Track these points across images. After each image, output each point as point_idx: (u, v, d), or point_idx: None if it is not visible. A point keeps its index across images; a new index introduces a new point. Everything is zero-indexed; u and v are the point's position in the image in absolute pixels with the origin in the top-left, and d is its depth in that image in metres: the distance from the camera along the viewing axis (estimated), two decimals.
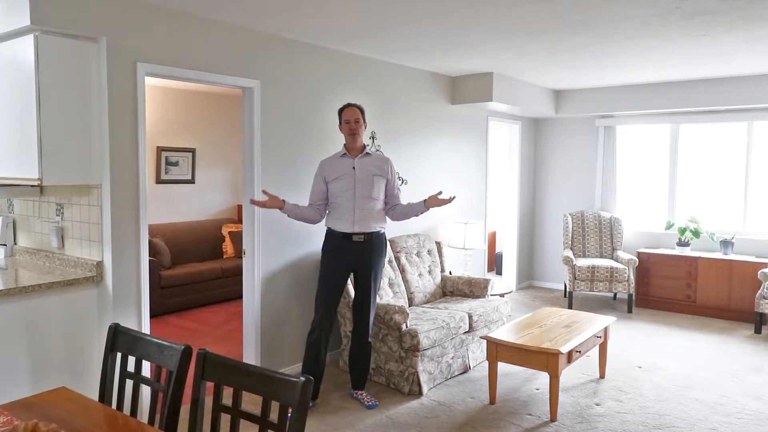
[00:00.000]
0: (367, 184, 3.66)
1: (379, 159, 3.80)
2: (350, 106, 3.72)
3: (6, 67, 3.16)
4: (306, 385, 1.62)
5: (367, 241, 3.68)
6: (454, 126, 6.00)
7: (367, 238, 3.68)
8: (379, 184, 3.71)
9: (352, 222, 3.64)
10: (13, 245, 3.87)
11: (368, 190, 3.66)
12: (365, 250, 3.68)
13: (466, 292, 5.03)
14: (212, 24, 3.66)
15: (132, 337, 2.08)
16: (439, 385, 4.13)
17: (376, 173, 3.69)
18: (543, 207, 7.65)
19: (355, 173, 3.66)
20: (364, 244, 3.67)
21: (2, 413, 1.77)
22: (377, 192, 3.70)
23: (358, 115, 3.68)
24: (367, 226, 3.66)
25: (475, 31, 3.97)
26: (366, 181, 3.66)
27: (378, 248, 3.74)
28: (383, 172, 3.73)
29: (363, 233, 3.65)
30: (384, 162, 3.79)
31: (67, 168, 3.12)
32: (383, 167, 3.74)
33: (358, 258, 3.68)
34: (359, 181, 3.65)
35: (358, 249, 3.67)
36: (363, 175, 3.66)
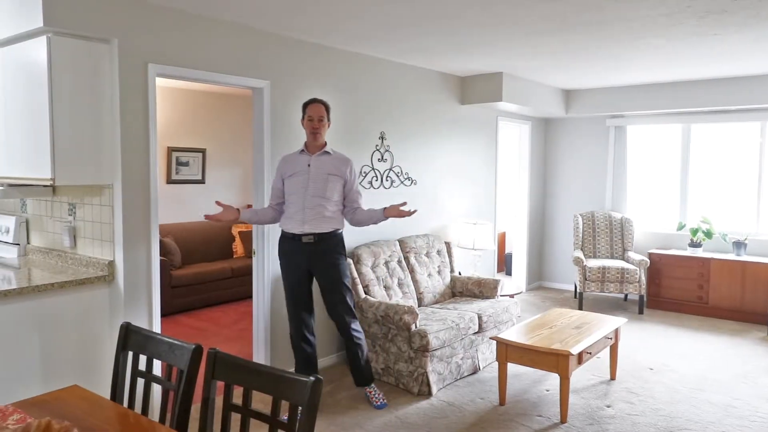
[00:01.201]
0: (321, 183, 3.47)
1: (339, 159, 3.58)
2: (315, 102, 3.54)
3: (19, 68, 3.19)
4: (316, 385, 1.62)
5: (318, 242, 3.48)
6: (464, 126, 5.99)
7: (318, 239, 3.48)
8: (334, 185, 3.50)
9: (301, 221, 3.46)
10: (26, 245, 3.91)
11: (321, 189, 3.47)
12: (317, 251, 3.49)
13: (475, 293, 5.02)
14: (222, 25, 3.68)
15: (143, 336, 2.10)
16: (448, 386, 4.12)
17: (332, 173, 3.50)
18: (553, 207, 7.61)
19: (309, 171, 3.49)
20: (315, 246, 3.48)
21: (15, 411, 1.78)
22: (331, 192, 3.49)
23: (322, 113, 3.51)
24: (317, 226, 3.46)
25: (484, 32, 3.96)
26: (319, 180, 3.47)
27: (332, 248, 3.54)
28: (340, 173, 3.52)
29: (313, 234, 3.46)
30: (343, 163, 3.57)
31: (80, 168, 3.14)
32: (341, 168, 3.54)
33: (311, 259, 3.50)
34: (312, 179, 3.47)
35: (309, 250, 3.48)
36: (317, 173, 3.48)
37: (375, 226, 4.88)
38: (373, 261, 4.51)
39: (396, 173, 5.12)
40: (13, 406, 1.83)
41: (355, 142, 4.69)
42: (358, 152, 4.73)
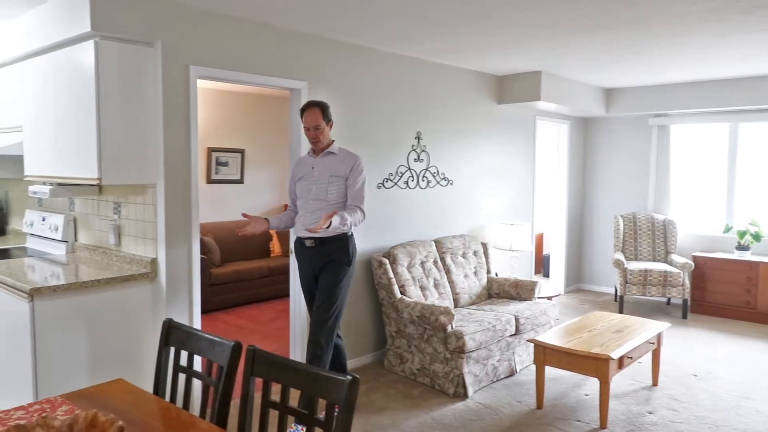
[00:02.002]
0: (322, 186, 3.33)
1: (342, 158, 3.38)
2: (309, 108, 3.32)
3: (67, 72, 3.30)
4: (353, 384, 1.63)
5: (321, 247, 3.33)
6: (501, 126, 5.93)
7: (319, 243, 3.32)
8: (335, 186, 3.32)
9: (304, 226, 3.33)
10: (74, 242, 4.04)
11: (322, 192, 3.33)
12: (319, 256, 3.34)
13: (512, 295, 4.96)
14: (261, 27, 3.73)
15: (185, 332, 2.14)
16: (484, 388, 4.08)
17: (333, 174, 3.33)
18: (593, 208, 7.46)
19: (313, 173, 3.38)
20: (317, 250, 3.34)
21: (64, 402, 1.85)
22: (333, 195, 3.32)
23: (318, 121, 3.30)
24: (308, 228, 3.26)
25: (522, 31, 3.91)
26: (321, 182, 3.34)
27: (335, 255, 3.32)
28: (342, 173, 3.33)
29: (314, 238, 3.31)
30: (345, 162, 3.36)
31: (124, 168, 3.24)
32: (342, 168, 3.34)
33: (314, 265, 3.37)
34: (315, 182, 3.36)
35: (312, 255, 3.36)
36: (320, 176, 3.35)
37: (412, 225, 4.91)
38: (408, 261, 4.50)
39: (432, 173, 5.11)
40: (61, 398, 1.90)
41: (391, 143, 4.70)
42: (395, 152, 4.74)
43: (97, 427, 1.41)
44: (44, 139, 3.56)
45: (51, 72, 3.45)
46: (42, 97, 3.55)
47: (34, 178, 3.74)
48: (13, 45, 3.76)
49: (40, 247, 4.23)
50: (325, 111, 3.35)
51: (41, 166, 3.63)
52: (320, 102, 3.36)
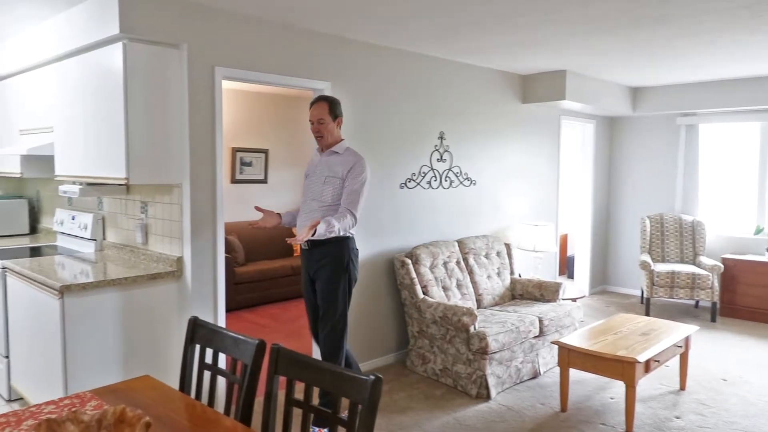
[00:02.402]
0: (318, 186, 3.22)
1: (344, 159, 3.22)
2: (316, 102, 3.24)
3: (96, 74, 3.37)
4: (376, 384, 1.63)
5: (313, 249, 3.20)
6: (525, 125, 5.87)
7: (312, 245, 3.18)
8: (330, 187, 3.18)
9: (301, 225, 3.27)
10: (103, 240, 4.12)
11: (318, 192, 3.21)
12: (313, 259, 3.22)
13: (536, 296, 4.91)
14: (284, 28, 3.76)
15: (210, 330, 2.17)
16: (507, 390, 4.05)
17: (329, 174, 3.19)
18: (619, 209, 7.35)
19: (315, 172, 3.30)
20: (311, 252, 3.22)
21: (93, 397, 1.89)
22: (328, 196, 3.17)
23: (322, 114, 3.19)
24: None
25: (547, 29, 3.87)
26: (319, 182, 3.23)
27: (328, 260, 3.17)
28: (339, 174, 3.17)
29: (308, 241, 3.12)
30: (345, 163, 3.19)
31: (151, 168, 3.29)
32: (341, 168, 3.18)
33: (309, 267, 3.27)
34: (315, 181, 3.26)
35: (307, 257, 3.26)
36: (319, 175, 3.25)
37: (435, 225, 4.90)
38: (431, 261, 4.49)
39: (455, 173, 5.08)
40: (90, 393, 1.93)
41: (414, 143, 4.69)
42: (418, 152, 4.73)
43: (125, 422, 1.43)
44: (74, 139, 3.64)
45: (80, 74, 3.53)
46: (72, 98, 3.63)
47: (64, 178, 3.82)
48: (44, 48, 3.85)
49: (70, 245, 4.32)
50: (333, 106, 3.23)
51: (71, 166, 3.71)
52: (329, 97, 3.28)
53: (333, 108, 3.23)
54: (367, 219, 4.34)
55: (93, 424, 1.43)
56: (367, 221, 4.35)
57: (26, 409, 1.80)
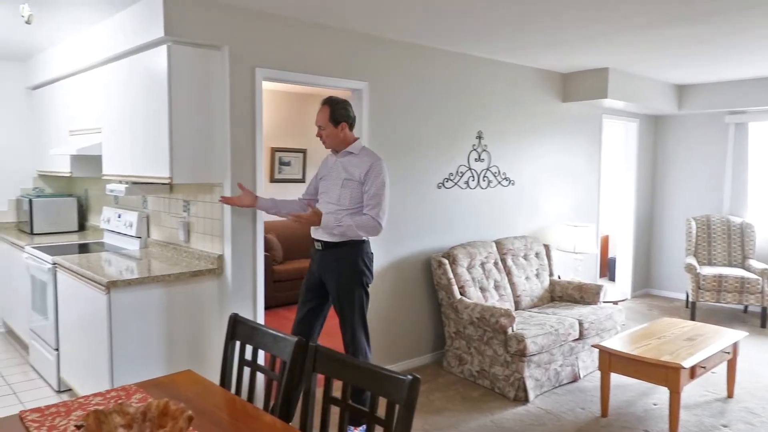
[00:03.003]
0: (335, 188, 3.16)
1: (360, 160, 3.14)
2: (321, 105, 3.19)
3: (141, 76, 3.46)
4: (414, 384, 1.62)
5: (326, 250, 3.17)
6: (565, 125, 5.77)
7: (325, 247, 3.17)
8: (348, 191, 3.12)
9: (315, 227, 3.21)
10: (147, 238, 4.24)
11: (335, 195, 3.15)
12: (325, 260, 3.19)
13: (576, 298, 4.82)
14: (324, 28, 3.78)
15: (249, 327, 2.20)
16: (546, 393, 3.99)
17: (346, 177, 3.13)
18: (663, 210, 7.14)
19: (331, 174, 3.23)
20: (323, 253, 3.19)
21: (138, 390, 1.94)
22: (344, 199, 3.12)
23: (322, 121, 3.14)
24: (325, 233, 3.14)
25: (590, 27, 3.79)
26: (335, 184, 3.17)
27: (341, 261, 3.14)
28: (356, 176, 3.11)
29: (321, 241, 3.17)
30: (362, 164, 3.12)
31: (194, 168, 3.36)
32: (357, 171, 3.12)
33: (320, 268, 3.23)
34: (331, 184, 3.21)
35: (319, 257, 3.23)
36: (336, 177, 3.19)
37: (472, 226, 4.86)
38: (468, 262, 4.45)
39: (493, 173, 5.03)
40: (135, 386, 1.99)
41: (451, 142, 4.66)
42: (455, 152, 4.70)
43: (168, 415, 1.47)
44: (121, 140, 3.75)
45: (127, 76, 3.63)
46: (119, 100, 3.74)
47: (111, 177, 3.94)
48: (94, 51, 3.98)
49: (116, 243, 4.45)
50: (335, 110, 3.13)
51: (118, 165, 3.82)
52: (333, 99, 3.17)
53: (334, 113, 3.14)
54: (403, 219, 4.34)
55: (138, 416, 1.46)
56: (404, 221, 4.35)
57: (75, 400, 1.87)
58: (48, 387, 3.98)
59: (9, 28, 4.01)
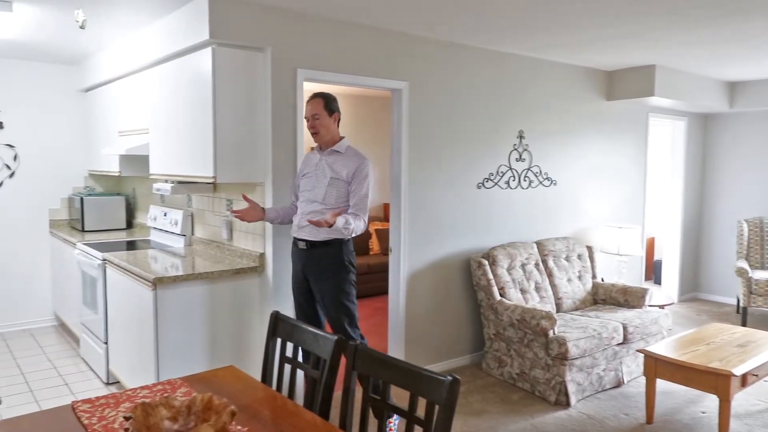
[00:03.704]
0: (320, 187, 3.11)
1: (348, 159, 3.13)
2: (313, 98, 3.16)
3: (187, 78, 3.55)
4: (454, 385, 1.61)
5: (312, 250, 3.12)
6: (609, 124, 5.63)
7: (311, 246, 3.12)
8: (335, 189, 3.09)
9: (298, 226, 3.17)
10: (191, 236, 4.34)
11: (319, 194, 3.10)
12: (310, 260, 3.14)
13: (620, 301, 4.70)
14: (364, 29, 3.80)
15: (290, 324, 2.23)
16: (588, 398, 3.90)
17: (333, 176, 3.09)
18: (712, 211, 6.89)
19: (316, 173, 3.17)
20: (309, 253, 3.14)
21: (183, 384, 1.99)
22: (330, 198, 3.08)
23: (317, 109, 3.11)
24: (312, 233, 3.09)
25: (635, 22, 3.69)
26: (320, 183, 3.12)
27: (326, 257, 3.10)
28: (343, 176, 3.09)
29: (306, 241, 3.12)
30: (351, 163, 3.11)
31: (237, 167, 3.42)
32: (345, 170, 3.09)
33: (305, 267, 3.17)
34: (314, 182, 3.15)
35: (303, 257, 3.17)
36: (321, 176, 3.13)
37: (513, 226, 4.80)
38: (509, 263, 4.40)
39: (534, 173, 4.95)
40: (180, 380, 2.04)
41: (492, 142, 4.62)
42: (496, 152, 4.65)
43: (212, 410, 1.50)
44: (167, 140, 3.86)
45: (173, 78, 3.73)
46: (165, 101, 3.85)
47: (157, 176, 4.06)
48: (142, 54, 4.11)
49: (162, 240, 4.58)
50: (329, 102, 3.15)
51: (164, 165, 3.93)
52: (325, 93, 3.18)
53: (328, 103, 3.14)
54: (442, 219, 4.32)
55: (183, 409, 1.50)
56: (443, 221, 4.33)
57: (123, 392, 1.93)
58: (97, 379, 4.13)
59: (63, 32, 4.17)
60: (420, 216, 4.18)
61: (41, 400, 3.77)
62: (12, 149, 5.28)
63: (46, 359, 4.57)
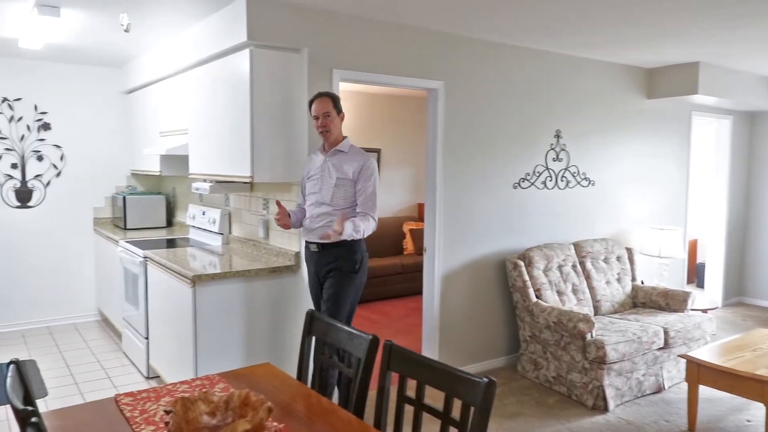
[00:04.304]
0: (327, 188, 3.08)
1: (352, 158, 3.10)
2: (319, 97, 3.10)
3: (225, 79, 3.61)
4: (490, 387, 1.60)
5: (324, 251, 3.10)
6: (650, 122, 5.49)
7: (323, 248, 3.09)
8: (342, 190, 3.05)
9: (308, 229, 3.16)
10: (229, 234, 4.42)
11: (326, 195, 3.07)
12: (323, 261, 3.11)
13: (661, 305, 4.58)
14: (399, 28, 3.80)
15: (325, 323, 2.24)
16: (627, 403, 3.81)
17: (340, 176, 3.06)
18: (759, 213, 6.65)
19: (320, 173, 3.14)
20: (321, 255, 3.12)
21: (221, 380, 2.03)
22: (338, 199, 3.06)
23: (327, 108, 3.07)
24: (322, 235, 3.05)
25: (678, 19, 3.58)
26: (327, 184, 3.08)
27: (339, 262, 3.07)
28: (349, 175, 3.06)
29: (318, 243, 3.10)
30: (356, 161, 3.07)
31: (273, 167, 3.47)
32: (350, 169, 3.06)
33: (317, 270, 3.16)
34: (321, 184, 3.11)
35: (316, 260, 3.15)
36: (327, 177, 3.10)
37: (549, 227, 4.72)
38: (545, 264, 4.34)
39: (572, 173, 4.87)
40: (218, 376, 2.08)
41: (528, 141, 4.56)
42: (532, 152, 4.58)
43: (249, 406, 1.52)
44: (205, 140, 3.93)
45: (212, 79, 3.80)
46: (204, 102, 3.92)
47: (196, 176, 4.14)
48: (182, 56, 4.20)
49: (201, 238, 4.67)
50: (336, 101, 3.13)
51: (203, 165, 4.01)
52: (331, 92, 3.17)
53: (336, 103, 3.13)
54: (478, 219, 4.29)
55: (221, 405, 1.53)
56: (478, 222, 4.29)
57: (163, 386, 1.98)
58: (138, 373, 4.24)
59: (108, 36, 4.30)
60: (455, 216, 4.16)
61: (85, 393, 3.89)
62: (59, 149, 5.47)
63: (90, 353, 4.72)
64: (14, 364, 1.59)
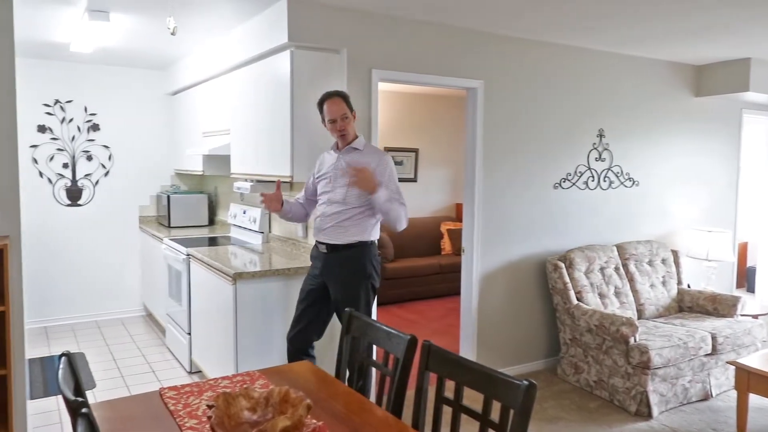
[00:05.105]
0: (340, 188, 2.98)
1: (368, 155, 3.00)
2: (331, 98, 2.97)
3: (266, 80, 3.67)
4: (530, 390, 1.57)
5: (333, 253, 2.99)
6: (698, 121, 5.31)
7: (332, 249, 2.99)
8: (355, 189, 2.92)
9: (319, 229, 3.06)
10: (269, 233, 4.48)
11: (340, 194, 2.97)
12: (330, 262, 3.00)
13: (708, 310, 4.42)
14: (438, 28, 3.78)
15: (364, 322, 2.25)
16: (672, 410, 3.70)
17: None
18: None
19: (333, 171, 3.03)
20: (329, 256, 3.01)
21: (261, 377, 2.06)
22: (351, 198, 2.95)
23: (344, 110, 2.95)
24: (333, 236, 2.98)
25: (728, 13, 3.46)
26: (339, 184, 2.99)
27: (347, 265, 2.97)
28: None
29: (327, 243, 3.00)
30: (374, 160, 2.97)
31: (312, 167, 3.49)
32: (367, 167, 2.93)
33: (324, 271, 3.02)
34: (334, 182, 3.02)
35: (324, 260, 3.03)
36: (338, 176, 3.00)
37: (591, 228, 4.62)
38: (587, 266, 4.25)
39: (615, 173, 4.75)
40: (258, 372, 2.11)
41: (570, 141, 4.47)
42: (574, 151, 4.50)
43: (289, 402, 1.54)
44: (246, 140, 4.00)
45: (253, 80, 3.86)
46: (245, 103, 3.99)
47: (238, 176, 4.22)
48: (224, 58, 4.28)
49: (241, 237, 4.76)
50: (348, 100, 3.02)
51: (244, 164, 4.08)
52: (341, 91, 3.04)
53: (348, 102, 3.01)
54: (518, 220, 4.24)
55: (261, 401, 1.55)
56: (518, 222, 4.24)
57: (205, 381, 2.02)
58: (181, 368, 4.35)
59: (154, 39, 4.42)
60: (494, 216, 4.12)
61: (131, 385, 4.01)
62: (107, 150, 5.66)
63: (135, 347, 4.86)
64: (65, 357, 1.65)
